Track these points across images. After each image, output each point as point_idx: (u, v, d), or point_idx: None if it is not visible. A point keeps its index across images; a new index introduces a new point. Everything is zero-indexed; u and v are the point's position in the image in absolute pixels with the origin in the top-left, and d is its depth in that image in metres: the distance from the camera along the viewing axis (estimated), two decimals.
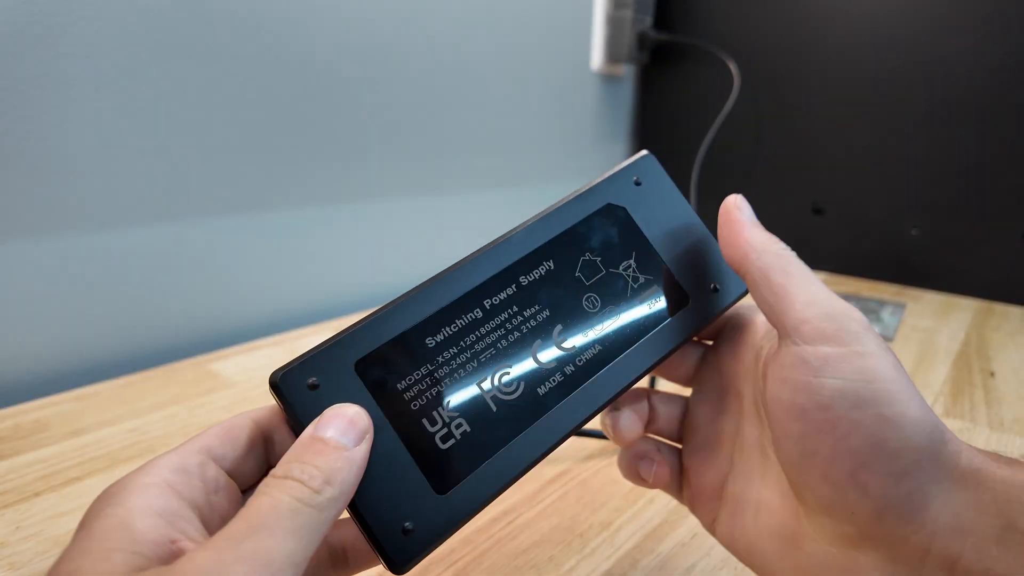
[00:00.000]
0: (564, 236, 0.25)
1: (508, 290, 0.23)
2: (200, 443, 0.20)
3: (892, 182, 0.83)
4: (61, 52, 0.46)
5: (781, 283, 0.22)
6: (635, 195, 0.26)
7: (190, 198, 0.56)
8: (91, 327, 0.52)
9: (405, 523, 0.20)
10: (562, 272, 0.24)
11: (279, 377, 0.20)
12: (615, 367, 0.24)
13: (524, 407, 0.22)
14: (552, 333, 0.24)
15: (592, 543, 0.34)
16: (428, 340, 0.22)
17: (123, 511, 0.17)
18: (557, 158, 0.94)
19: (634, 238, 0.26)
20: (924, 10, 0.77)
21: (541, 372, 0.23)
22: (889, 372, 0.19)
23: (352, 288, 0.71)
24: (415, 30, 0.69)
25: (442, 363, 0.22)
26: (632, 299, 0.25)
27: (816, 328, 0.20)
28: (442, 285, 0.23)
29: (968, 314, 0.74)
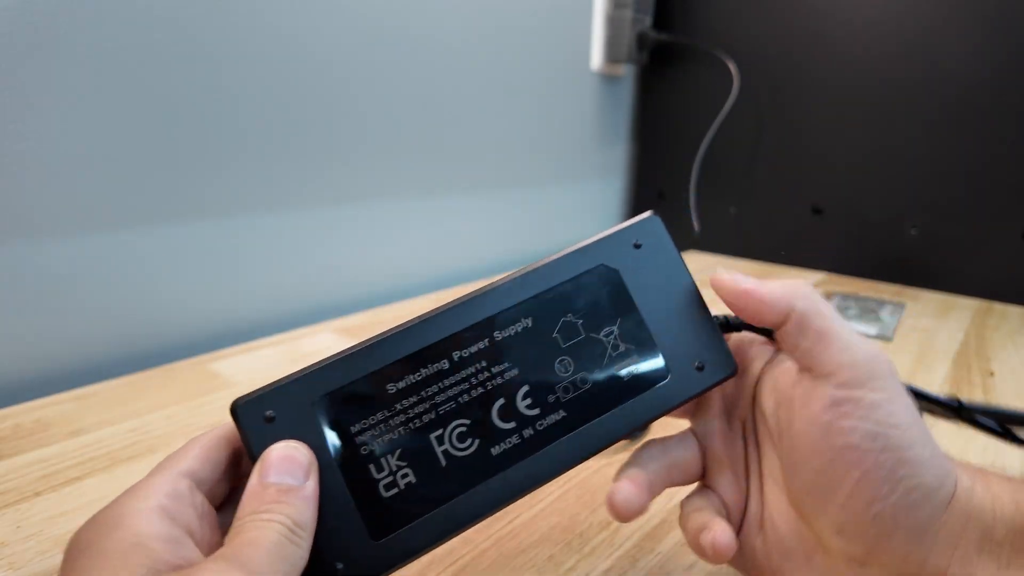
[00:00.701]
0: (549, 294, 0.24)
1: (480, 344, 0.23)
2: (184, 467, 0.20)
3: (891, 182, 0.83)
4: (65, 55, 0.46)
5: (821, 327, 0.23)
6: (632, 258, 0.25)
7: (190, 198, 0.56)
8: (91, 327, 0.52)
9: (337, 563, 0.20)
10: (539, 331, 0.24)
11: (239, 406, 0.21)
12: (575, 437, 0.23)
13: (474, 466, 0.22)
14: (517, 394, 0.23)
15: (592, 542, 0.34)
16: (389, 386, 0.22)
17: (133, 534, 0.17)
18: (557, 158, 0.94)
19: (622, 304, 0.25)
20: (923, 10, 0.77)
21: (497, 432, 0.23)
22: (909, 417, 0.22)
23: (352, 288, 0.71)
24: (415, 30, 0.69)
25: (399, 411, 0.22)
26: (608, 368, 0.24)
27: (852, 374, 0.22)
28: (414, 331, 0.22)
29: (967, 314, 0.74)
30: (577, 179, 0.99)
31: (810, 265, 0.93)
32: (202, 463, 0.20)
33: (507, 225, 0.89)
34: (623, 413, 0.24)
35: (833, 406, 0.22)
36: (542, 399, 0.23)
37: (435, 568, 0.31)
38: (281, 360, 0.55)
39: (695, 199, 0.97)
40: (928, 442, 0.21)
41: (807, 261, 0.93)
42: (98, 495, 0.36)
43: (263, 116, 0.59)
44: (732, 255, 1.00)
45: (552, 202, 0.96)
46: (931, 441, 0.22)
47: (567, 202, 0.99)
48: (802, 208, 0.91)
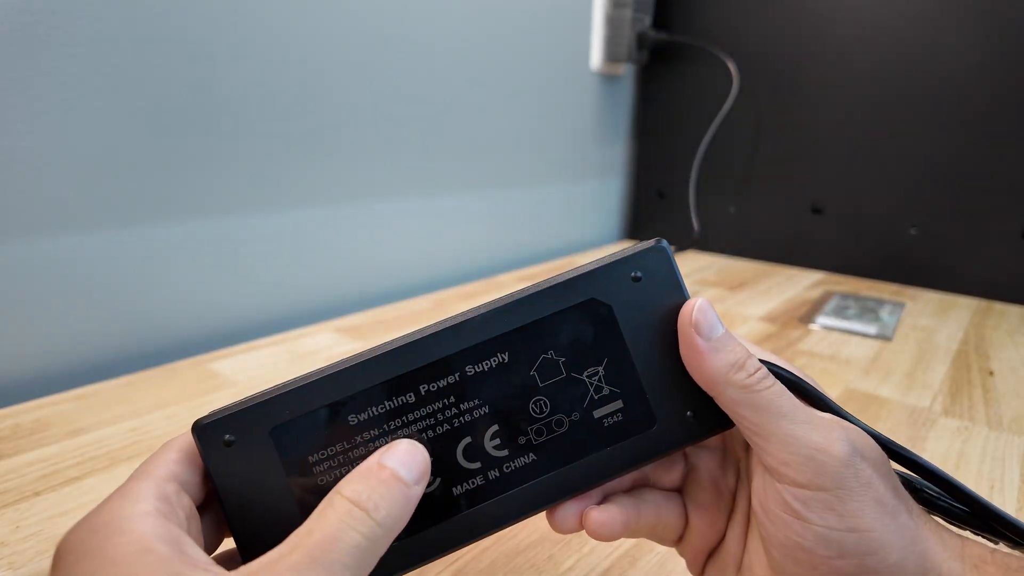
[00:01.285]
0: (529, 328, 0.22)
1: (449, 378, 0.22)
2: (168, 470, 0.20)
3: (891, 181, 0.83)
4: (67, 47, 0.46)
5: (753, 420, 0.20)
6: (628, 293, 0.22)
7: (189, 197, 0.56)
8: (91, 327, 0.52)
9: None
10: (515, 368, 0.22)
11: (200, 427, 0.21)
12: (544, 482, 0.22)
13: (434, 504, 0.21)
14: (484, 433, 0.22)
15: (591, 542, 0.34)
16: (351, 417, 0.21)
17: (136, 539, 0.17)
18: (556, 158, 0.94)
19: (611, 343, 0.22)
20: (923, 9, 0.77)
21: (461, 472, 0.22)
22: (871, 517, 0.19)
23: (352, 287, 0.71)
24: (415, 30, 0.69)
25: (359, 443, 0.21)
26: (588, 411, 0.22)
27: (794, 471, 0.20)
28: (381, 360, 0.21)
29: (967, 313, 0.74)
30: (577, 179, 0.99)
31: (809, 264, 0.93)
32: (183, 466, 0.20)
33: (507, 224, 0.89)
34: (600, 460, 0.22)
35: (783, 503, 0.20)
36: (512, 440, 0.22)
37: (435, 567, 0.31)
38: (281, 359, 0.55)
39: (694, 198, 0.97)
40: (900, 542, 0.19)
41: (807, 260, 0.93)
42: (98, 495, 0.36)
43: (264, 115, 0.59)
44: (732, 254, 1.00)
45: (552, 201, 0.96)
46: (907, 539, 0.19)
47: (567, 201, 0.99)
48: (802, 207, 0.91)
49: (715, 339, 0.21)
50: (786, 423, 0.20)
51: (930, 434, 0.46)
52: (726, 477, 0.25)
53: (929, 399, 0.51)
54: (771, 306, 0.75)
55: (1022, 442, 0.45)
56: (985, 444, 0.45)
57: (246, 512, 0.21)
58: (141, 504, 0.18)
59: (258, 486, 0.21)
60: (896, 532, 0.19)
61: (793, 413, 0.20)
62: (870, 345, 0.63)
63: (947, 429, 0.47)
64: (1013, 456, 0.43)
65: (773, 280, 0.87)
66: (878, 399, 0.51)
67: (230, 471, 0.21)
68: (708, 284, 0.84)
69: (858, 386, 0.53)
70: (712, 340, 0.21)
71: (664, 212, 1.06)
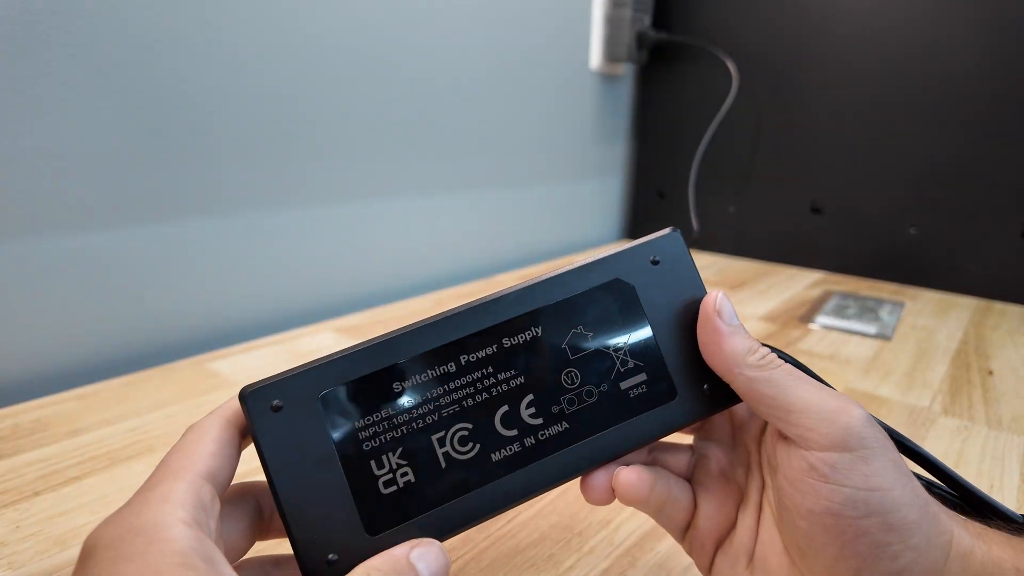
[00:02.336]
0: (561, 305, 0.24)
1: (488, 349, 0.23)
2: (205, 466, 0.19)
3: (891, 181, 0.83)
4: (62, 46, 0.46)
5: (771, 395, 0.22)
6: (649, 275, 0.25)
7: (189, 197, 0.56)
8: (91, 327, 0.52)
9: (330, 555, 0.20)
10: (548, 342, 0.23)
11: (248, 393, 0.21)
12: (576, 449, 0.23)
13: (473, 470, 0.22)
14: (520, 402, 0.23)
15: (591, 541, 0.34)
16: (396, 385, 0.22)
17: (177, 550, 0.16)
18: (556, 157, 0.94)
19: (634, 320, 0.24)
20: (923, 9, 0.77)
21: (499, 439, 0.23)
22: (892, 477, 0.20)
23: (352, 287, 0.71)
24: (414, 30, 0.69)
25: (403, 410, 0.22)
26: (615, 383, 0.24)
27: (820, 435, 0.21)
28: (423, 332, 0.23)
29: (967, 312, 0.74)
30: (577, 178, 0.99)
31: (809, 264, 0.93)
32: (220, 461, 0.20)
33: (507, 224, 0.89)
34: (626, 430, 0.24)
35: (810, 469, 0.21)
36: (546, 409, 0.23)
37: None
38: (281, 359, 0.55)
39: (694, 198, 0.97)
40: (917, 501, 0.20)
41: (806, 260, 0.93)
42: (98, 494, 0.36)
43: (263, 115, 0.59)
44: (731, 254, 1.00)
45: (551, 201, 0.96)
46: (922, 499, 0.20)
47: (566, 201, 0.99)
48: (801, 207, 0.91)
49: (734, 325, 0.23)
50: (804, 392, 0.21)
51: (930, 434, 0.46)
52: (734, 470, 0.26)
53: (929, 399, 0.51)
54: (771, 306, 0.75)
55: (1021, 441, 0.45)
56: (984, 443, 0.45)
57: (291, 478, 0.21)
58: (180, 511, 0.18)
59: (305, 452, 0.21)
60: (912, 493, 0.20)
61: (808, 383, 0.22)
62: (870, 345, 0.63)
63: (947, 428, 0.47)
64: (1012, 455, 0.43)
65: (773, 280, 0.87)
66: (878, 398, 0.51)
67: (277, 437, 0.21)
68: (708, 284, 0.83)
69: (858, 386, 0.53)
70: (733, 325, 0.23)
71: (664, 212, 1.06)
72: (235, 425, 0.21)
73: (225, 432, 0.21)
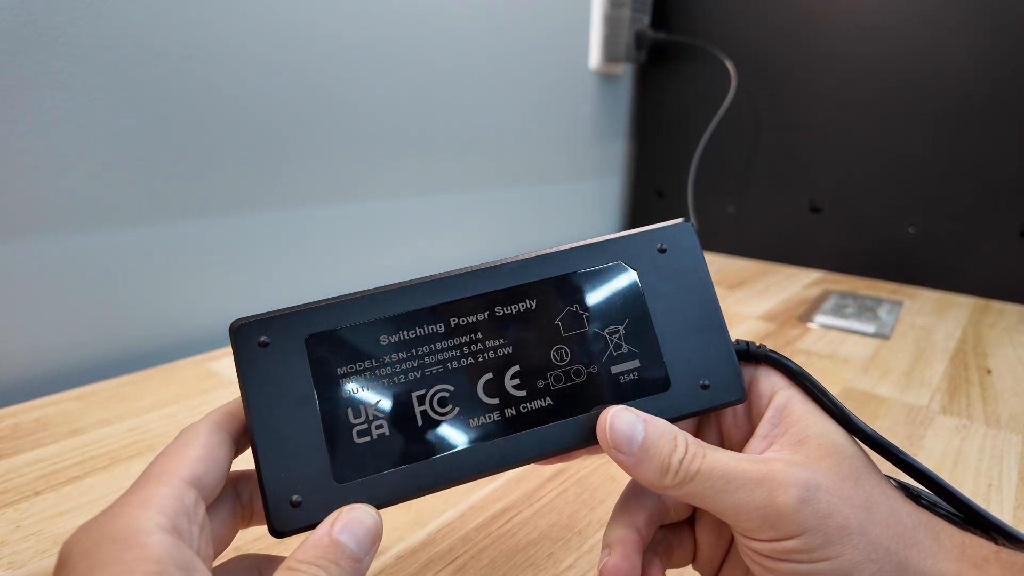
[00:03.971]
0: (559, 280, 0.23)
1: (479, 315, 0.23)
2: (190, 472, 0.19)
3: (889, 180, 0.83)
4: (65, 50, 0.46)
5: (701, 505, 0.21)
6: (653, 262, 0.24)
7: (189, 197, 0.56)
8: (91, 327, 0.52)
9: (294, 496, 0.20)
10: (541, 315, 0.23)
11: (237, 326, 0.21)
12: (557, 428, 0.22)
13: (449, 432, 0.22)
14: (506, 372, 0.23)
15: (591, 540, 0.34)
16: (382, 338, 0.22)
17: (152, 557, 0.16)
18: (555, 157, 0.94)
19: (634, 306, 0.24)
20: (921, 9, 0.77)
21: (480, 405, 0.22)
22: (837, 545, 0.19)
23: (351, 287, 0.71)
24: (414, 30, 0.69)
25: (387, 363, 0.22)
26: (606, 366, 0.23)
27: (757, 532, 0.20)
28: (417, 290, 0.22)
29: (965, 311, 0.74)
30: (576, 178, 0.99)
31: (808, 263, 0.93)
32: (207, 466, 0.20)
33: (506, 224, 0.89)
34: None
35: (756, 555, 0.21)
36: (531, 382, 0.23)
37: (434, 566, 0.31)
38: None
39: (693, 197, 0.97)
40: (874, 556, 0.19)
41: (805, 259, 0.93)
42: (98, 494, 0.36)
43: (263, 116, 0.59)
44: (730, 253, 1.00)
45: (551, 201, 0.96)
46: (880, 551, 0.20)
47: (566, 200, 0.99)
48: (800, 206, 0.91)
49: (636, 450, 0.21)
50: (729, 497, 0.20)
51: (928, 432, 0.46)
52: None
53: (927, 397, 0.52)
54: (770, 305, 0.75)
55: (1020, 440, 0.45)
56: (983, 442, 0.45)
57: (268, 414, 0.21)
58: (160, 516, 0.17)
59: (285, 389, 0.21)
60: (867, 550, 0.20)
61: (731, 479, 0.20)
62: (868, 344, 0.63)
63: (945, 427, 0.47)
64: (1011, 454, 0.43)
65: (772, 279, 0.87)
66: (876, 397, 0.51)
67: (260, 372, 0.21)
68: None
69: (856, 385, 0.54)
70: (634, 452, 0.21)
71: (663, 211, 1.06)
72: (226, 430, 0.21)
73: (214, 436, 0.21)
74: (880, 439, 0.23)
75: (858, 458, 0.22)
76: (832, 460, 0.21)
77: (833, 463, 0.21)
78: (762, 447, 0.22)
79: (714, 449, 0.21)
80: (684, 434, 0.22)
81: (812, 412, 0.23)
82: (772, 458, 0.21)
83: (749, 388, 0.24)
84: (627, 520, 0.24)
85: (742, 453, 0.22)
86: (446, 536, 0.34)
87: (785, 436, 0.22)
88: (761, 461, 0.21)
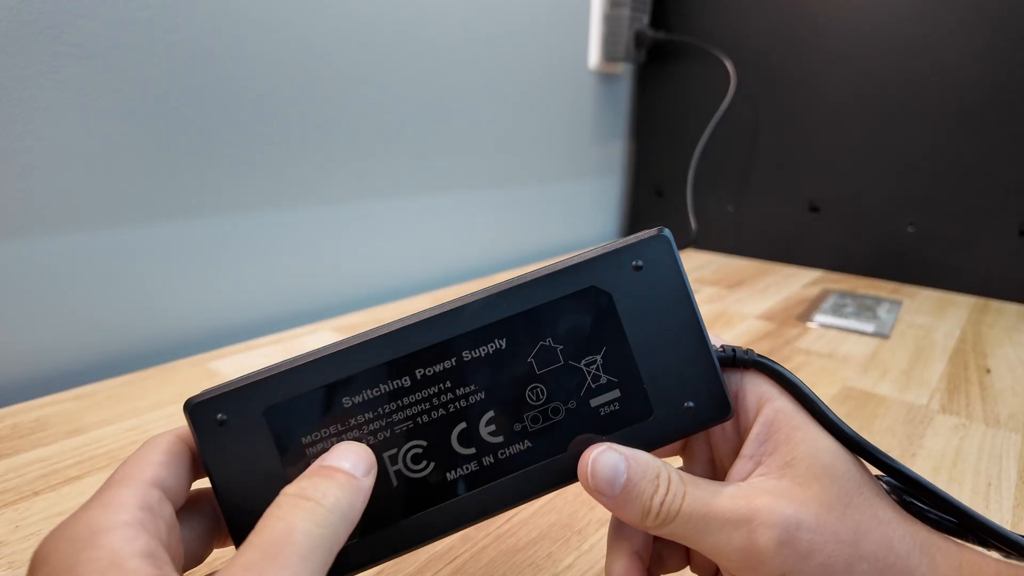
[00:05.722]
0: (528, 315, 0.22)
1: (445, 363, 0.22)
2: (153, 474, 0.19)
3: (888, 179, 0.83)
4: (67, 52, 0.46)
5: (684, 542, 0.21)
6: (629, 282, 0.22)
7: (188, 197, 0.56)
8: (90, 326, 0.52)
9: None
10: (513, 355, 0.22)
11: (192, 406, 0.20)
12: (537, 471, 0.22)
13: (427, 489, 0.21)
14: (480, 419, 0.22)
15: (591, 539, 0.34)
16: (345, 400, 0.21)
17: (108, 553, 0.16)
18: (554, 157, 0.94)
19: (610, 332, 0.22)
20: (920, 8, 0.77)
21: (455, 457, 0.22)
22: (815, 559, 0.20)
23: (351, 287, 0.71)
24: (412, 29, 0.69)
25: (353, 426, 0.21)
26: (584, 400, 0.22)
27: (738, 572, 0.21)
28: (377, 343, 0.21)
29: (964, 311, 0.74)
30: (575, 177, 0.99)
31: (807, 263, 0.93)
32: (168, 470, 0.20)
33: (505, 223, 0.89)
34: None
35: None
36: (507, 426, 0.22)
37: (434, 565, 0.31)
38: (280, 358, 0.55)
39: (692, 197, 0.97)
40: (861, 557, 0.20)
41: (804, 259, 0.93)
42: None
43: (263, 115, 0.59)
44: (729, 253, 1.00)
45: (550, 200, 0.96)
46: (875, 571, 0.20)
47: (565, 200, 0.99)
48: (799, 206, 0.91)
49: (619, 492, 0.21)
50: (710, 538, 0.20)
51: (927, 432, 0.46)
52: None
53: (927, 397, 0.52)
54: (769, 304, 0.75)
55: (1019, 439, 0.45)
56: (982, 441, 0.45)
57: (237, 492, 0.20)
58: (121, 514, 0.17)
59: (250, 466, 0.20)
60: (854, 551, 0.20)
61: (711, 520, 0.20)
62: (868, 343, 0.63)
63: (944, 426, 0.47)
64: (1010, 453, 0.43)
65: (771, 278, 0.87)
66: (875, 397, 0.51)
67: (222, 451, 0.20)
68: (706, 283, 0.84)
69: (856, 384, 0.54)
70: (615, 496, 0.21)
71: (662, 211, 1.06)
72: (187, 441, 0.21)
73: (176, 445, 0.21)
74: (869, 447, 0.22)
75: (849, 478, 0.21)
76: (820, 485, 0.20)
77: (821, 489, 0.20)
78: (748, 468, 0.22)
79: (696, 484, 0.21)
80: (668, 468, 0.21)
81: (801, 426, 0.22)
82: (755, 490, 0.21)
83: (736, 398, 0.23)
84: (626, 548, 0.24)
85: (726, 481, 0.22)
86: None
87: (772, 456, 0.22)
88: (743, 497, 0.21)
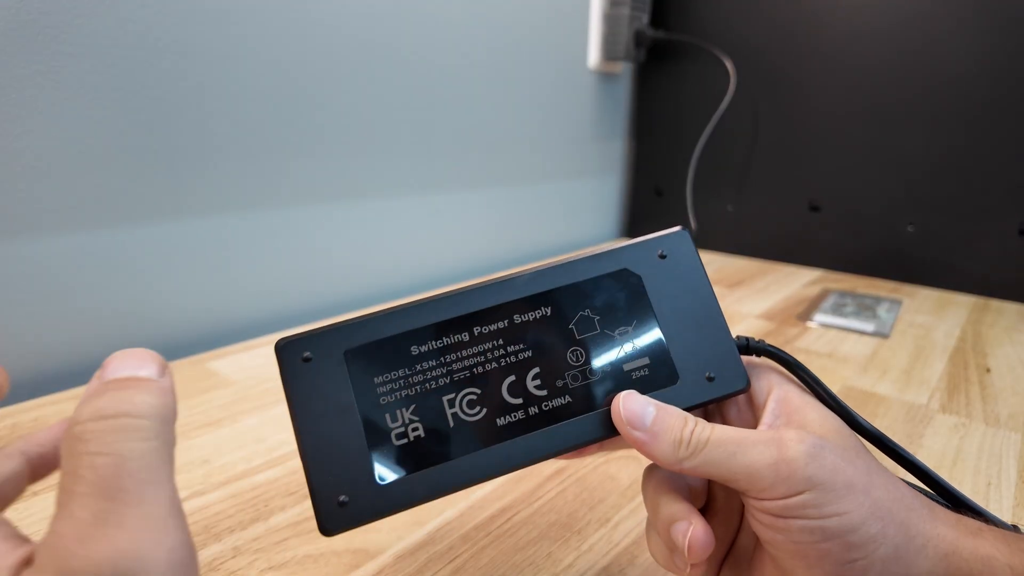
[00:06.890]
0: (570, 288, 0.26)
1: (500, 323, 0.25)
2: None
3: (888, 179, 0.83)
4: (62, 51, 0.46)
5: (714, 473, 0.22)
6: (655, 267, 0.26)
7: (187, 197, 0.56)
8: (89, 326, 0.52)
9: (341, 496, 0.22)
10: (556, 321, 0.25)
11: (282, 345, 0.23)
12: (577, 423, 0.24)
13: (479, 432, 0.24)
14: (527, 373, 0.24)
15: (590, 539, 0.34)
16: (413, 348, 0.24)
17: None
18: (554, 156, 0.94)
19: (640, 308, 0.26)
20: (920, 8, 0.77)
21: (505, 405, 0.24)
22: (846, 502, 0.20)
23: (350, 286, 0.71)
24: (413, 29, 0.69)
25: (419, 371, 0.24)
26: (618, 364, 0.25)
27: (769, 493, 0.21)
28: (442, 303, 0.25)
29: (964, 310, 0.74)
30: (575, 176, 0.99)
31: (807, 262, 0.93)
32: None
33: (505, 223, 0.89)
34: None
35: (764, 514, 0.21)
36: (551, 382, 0.25)
37: (434, 565, 0.31)
38: None
39: (692, 196, 0.97)
40: (878, 513, 0.20)
41: (804, 258, 0.93)
42: None
43: (263, 115, 0.59)
44: (729, 252, 1.00)
45: (550, 199, 0.96)
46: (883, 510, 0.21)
47: (565, 199, 0.99)
48: (799, 205, 0.91)
49: (650, 427, 0.23)
50: (741, 458, 0.21)
51: (927, 431, 0.46)
52: (730, 499, 0.27)
53: (926, 396, 0.52)
54: (769, 304, 0.75)
55: (1019, 438, 0.45)
56: (982, 441, 0.45)
57: (314, 423, 0.23)
58: None
59: (328, 401, 0.23)
60: (871, 508, 0.20)
61: (742, 444, 0.22)
62: (867, 342, 0.63)
63: (944, 426, 0.47)
64: (1010, 453, 0.43)
65: (771, 278, 0.87)
66: (876, 396, 0.51)
67: (304, 385, 0.23)
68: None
69: (856, 383, 0.54)
70: (648, 429, 0.23)
71: (662, 210, 1.06)
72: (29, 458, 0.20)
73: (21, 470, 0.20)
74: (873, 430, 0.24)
75: (857, 445, 0.23)
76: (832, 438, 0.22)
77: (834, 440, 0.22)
78: None
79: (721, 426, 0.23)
80: (692, 415, 0.23)
81: (810, 403, 0.24)
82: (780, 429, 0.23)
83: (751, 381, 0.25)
84: (679, 496, 0.25)
85: None
86: (446, 535, 0.34)
87: (786, 424, 0.23)
88: (770, 429, 0.23)
